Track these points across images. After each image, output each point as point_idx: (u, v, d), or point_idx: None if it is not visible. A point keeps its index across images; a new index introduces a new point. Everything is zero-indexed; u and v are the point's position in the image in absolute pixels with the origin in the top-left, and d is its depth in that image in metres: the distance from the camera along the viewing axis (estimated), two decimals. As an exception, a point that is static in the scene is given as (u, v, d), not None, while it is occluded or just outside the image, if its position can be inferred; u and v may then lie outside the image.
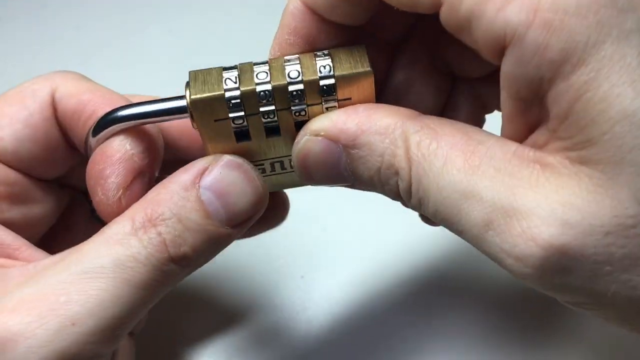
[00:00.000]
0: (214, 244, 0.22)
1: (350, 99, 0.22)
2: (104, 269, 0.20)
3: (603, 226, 0.17)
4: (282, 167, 0.24)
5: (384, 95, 0.26)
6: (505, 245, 0.17)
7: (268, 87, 0.21)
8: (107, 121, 0.23)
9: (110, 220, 0.22)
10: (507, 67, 0.18)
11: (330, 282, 0.36)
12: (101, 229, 0.22)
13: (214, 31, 0.51)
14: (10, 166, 0.24)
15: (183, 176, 0.22)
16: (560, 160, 0.18)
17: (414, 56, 0.26)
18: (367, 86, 0.22)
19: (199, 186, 0.22)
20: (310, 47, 0.23)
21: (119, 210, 0.22)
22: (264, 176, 0.24)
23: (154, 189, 0.22)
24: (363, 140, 0.20)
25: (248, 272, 0.31)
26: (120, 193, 0.22)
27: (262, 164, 0.24)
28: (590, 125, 0.17)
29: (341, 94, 0.22)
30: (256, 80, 0.22)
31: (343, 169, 0.21)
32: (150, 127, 0.23)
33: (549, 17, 0.16)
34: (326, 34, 0.23)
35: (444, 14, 0.19)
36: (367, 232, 0.38)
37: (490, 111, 0.27)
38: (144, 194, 0.22)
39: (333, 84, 0.21)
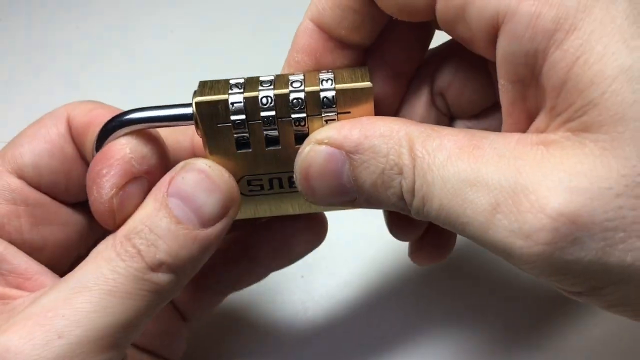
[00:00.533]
0: (194, 247, 0.23)
1: (349, 112, 0.22)
2: (87, 282, 0.21)
3: (612, 188, 0.16)
4: (280, 185, 0.25)
5: None
6: (515, 225, 0.17)
7: (270, 93, 0.22)
8: (113, 126, 0.23)
9: (103, 221, 0.23)
10: (502, 47, 0.18)
11: (330, 282, 0.36)
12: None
13: (215, 31, 0.51)
14: (31, 184, 0.25)
15: (155, 189, 0.23)
16: (562, 134, 0.18)
17: (417, 92, 0.26)
18: (367, 102, 0.22)
19: (166, 194, 0.22)
20: (317, 67, 0.24)
21: (111, 210, 0.23)
22: (262, 194, 0.25)
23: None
24: (367, 144, 0.21)
25: (248, 272, 0.31)
26: (113, 192, 0.22)
27: (261, 179, 0.24)
28: (588, 86, 0.17)
29: (341, 107, 0.22)
30: (260, 88, 0.22)
31: (346, 179, 0.21)
32: (156, 136, 0.24)
33: None
34: (333, 52, 0.23)
35: (440, 8, 0.19)
36: (367, 232, 0.38)
37: None
38: (141, 200, 0.23)
39: (333, 96, 0.22)
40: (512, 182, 0.17)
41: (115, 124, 0.23)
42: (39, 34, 0.51)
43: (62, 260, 0.26)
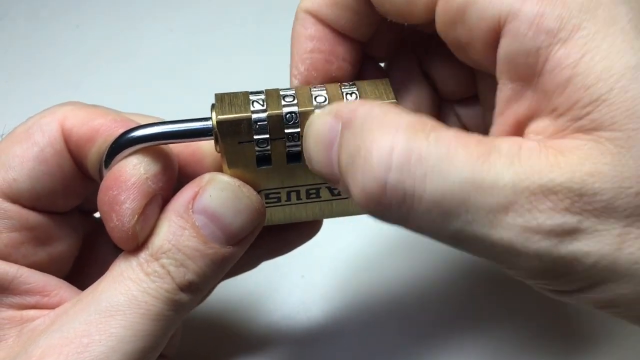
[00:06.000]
0: (218, 266, 0.23)
1: None
2: (120, 306, 0.21)
3: (632, 187, 0.16)
4: (298, 197, 0.24)
5: None
6: (533, 222, 0.17)
7: (295, 109, 0.22)
8: (121, 143, 0.22)
9: (124, 246, 0.22)
10: (504, 46, 0.18)
11: (330, 282, 0.36)
12: (111, 266, 0.23)
13: (215, 30, 0.51)
14: (27, 206, 0.23)
15: (177, 203, 0.22)
16: (572, 135, 0.17)
17: (407, 72, 0.26)
18: None
19: (192, 211, 0.22)
20: (323, 56, 0.23)
21: (134, 237, 0.22)
22: (278, 205, 0.25)
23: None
24: (356, 122, 0.19)
25: (248, 272, 0.31)
26: (135, 219, 0.22)
27: (279, 192, 0.24)
28: (595, 82, 0.17)
29: None
30: (283, 103, 0.22)
31: (334, 153, 0.20)
32: (165, 147, 0.23)
33: None
34: (333, 42, 0.23)
35: (440, 9, 0.19)
36: (367, 233, 0.38)
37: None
38: (158, 216, 0.22)
39: None
40: (529, 182, 0.17)
41: (127, 141, 0.22)
42: (39, 34, 0.51)
43: (66, 266, 0.26)
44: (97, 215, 0.28)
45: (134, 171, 0.22)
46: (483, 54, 0.19)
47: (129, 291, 0.21)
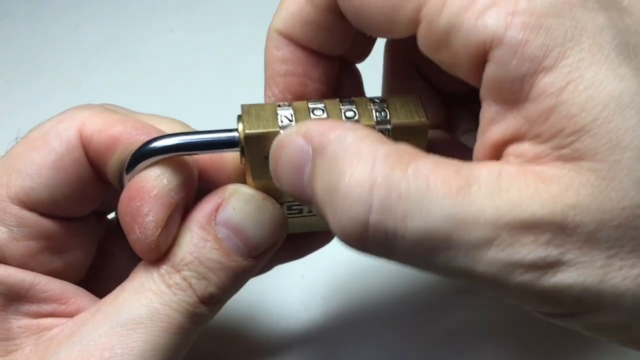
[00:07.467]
0: (239, 278, 0.23)
1: None
2: (141, 318, 0.21)
3: (613, 220, 0.16)
4: None
5: None
6: (515, 256, 0.17)
7: None
8: (144, 153, 0.22)
9: (146, 257, 0.22)
10: (489, 73, 0.18)
11: (330, 282, 0.36)
12: (131, 275, 0.23)
13: (215, 30, 0.51)
14: (45, 214, 0.23)
15: (199, 215, 0.22)
16: (554, 164, 0.17)
17: (407, 75, 0.26)
18: (420, 136, 0.22)
19: (214, 223, 0.22)
20: (296, 78, 0.23)
21: (157, 248, 0.22)
22: (300, 216, 0.25)
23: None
24: (329, 150, 0.19)
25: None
26: (158, 232, 0.21)
27: (301, 204, 0.24)
28: (579, 112, 0.16)
29: (395, 139, 0.21)
30: (312, 117, 0.21)
31: (306, 179, 0.19)
32: (187, 157, 0.23)
33: (526, 18, 0.17)
34: (307, 62, 0.23)
35: (422, 33, 0.19)
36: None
37: None
38: (179, 226, 0.22)
39: (388, 130, 0.22)
40: (509, 217, 0.17)
41: (150, 151, 0.21)
42: (39, 34, 0.51)
43: (81, 272, 0.25)
44: (109, 216, 0.28)
45: (156, 182, 0.21)
46: (468, 74, 0.19)
47: (150, 303, 0.21)
